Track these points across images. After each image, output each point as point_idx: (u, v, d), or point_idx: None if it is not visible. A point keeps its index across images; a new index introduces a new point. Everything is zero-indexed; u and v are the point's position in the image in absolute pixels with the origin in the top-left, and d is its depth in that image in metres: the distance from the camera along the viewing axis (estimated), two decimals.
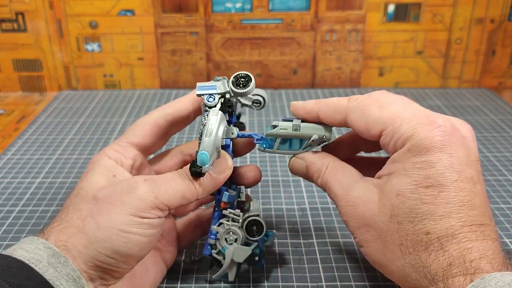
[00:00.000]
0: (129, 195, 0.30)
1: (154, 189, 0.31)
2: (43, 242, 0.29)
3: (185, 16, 0.76)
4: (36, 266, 0.27)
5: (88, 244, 0.29)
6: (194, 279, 0.39)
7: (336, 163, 0.34)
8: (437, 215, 0.27)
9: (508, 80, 0.81)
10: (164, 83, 0.80)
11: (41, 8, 0.75)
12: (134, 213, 0.30)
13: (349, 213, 0.32)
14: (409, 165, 0.29)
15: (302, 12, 0.76)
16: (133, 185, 0.31)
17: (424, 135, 0.29)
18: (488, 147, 0.60)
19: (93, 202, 0.31)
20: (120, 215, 0.30)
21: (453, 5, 0.75)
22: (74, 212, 0.31)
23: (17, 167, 0.55)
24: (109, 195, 0.31)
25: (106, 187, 0.32)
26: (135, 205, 0.30)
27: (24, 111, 0.73)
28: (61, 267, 0.28)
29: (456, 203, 0.27)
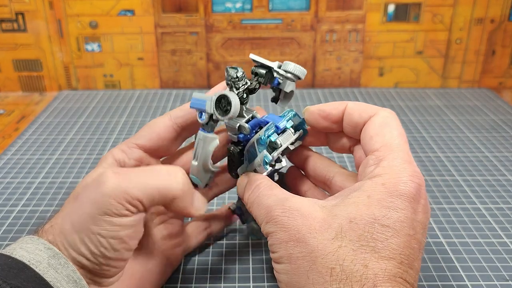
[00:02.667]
0: (96, 192, 0.29)
1: (123, 183, 0.29)
2: (43, 243, 0.29)
3: (185, 16, 0.76)
4: (36, 268, 0.27)
5: (68, 246, 0.29)
6: (194, 279, 0.39)
7: (275, 184, 0.32)
8: (381, 254, 0.26)
9: (508, 80, 0.81)
10: (164, 83, 0.80)
11: (41, 8, 0.75)
12: (102, 212, 0.28)
13: (281, 223, 0.28)
14: (376, 199, 0.27)
15: (302, 12, 0.76)
16: (101, 179, 0.29)
17: (406, 179, 0.28)
18: (488, 147, 0.60)
19: (72, 200, 0.30)
20: (89, 216, 0.28)
21: (453, 5, 0.75)
22: (61, 211, 0.31)
23: (17, 167, 0.55)
24: (83, 191, 0.30)
25: (82, 182, 0.31)
26: (102, 203, 0.28)
27: (24, 111, 0.73)
28: (61, 268, 0.28)
29: (401, 254, 0.26)
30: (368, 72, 0.80)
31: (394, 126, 0.31)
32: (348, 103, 0.34)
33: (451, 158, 0.57)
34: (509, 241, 0.43)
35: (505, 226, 0.45)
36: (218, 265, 0.40)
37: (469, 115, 0.69)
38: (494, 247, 0.42)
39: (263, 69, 0.34)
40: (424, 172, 0.54)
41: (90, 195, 0.29)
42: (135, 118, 0.69)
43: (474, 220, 0.46)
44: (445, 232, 0.44)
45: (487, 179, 0.53)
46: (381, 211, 0.27)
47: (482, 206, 0.48)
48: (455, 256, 0.41)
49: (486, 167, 0.55)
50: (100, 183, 0.29)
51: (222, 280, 0.39)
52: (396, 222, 0.27)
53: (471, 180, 0.52)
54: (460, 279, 0.38)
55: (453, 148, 0.60)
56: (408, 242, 0.26)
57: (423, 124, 0.66)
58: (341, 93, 0.78)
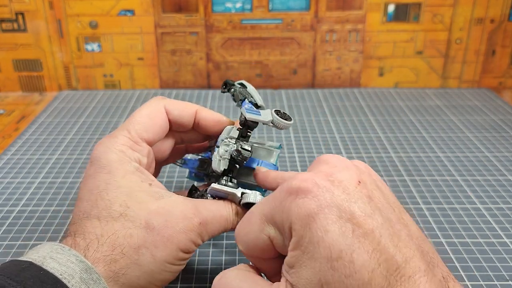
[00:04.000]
0: (184, 235, 0.31)
1: (205, 229, 0.32)
2: (75, 255, 0.28)
3: (185, 16, 0.76)
4: (68, 283, 0.26)
5: (141, 275, 0.29)
6: (194, 279, 0.39)
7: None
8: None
9: (508, 80, 0.81)
10: (164, 83, 0.80)
11: (41, 8, 0.75)
12: (184, 250, 0.31)
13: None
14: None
15: (302, 12, 0.76)
16: (189, 226, 0.31)
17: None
18: (488, 147, 0.60)
19: (146, 230, 0.30)
20: (175, 251, 0.30)
21: (453, 5, 0.75)
22: (124, 237, 0.29)
23: (17, 167, 0.55)
24: (164, 226, 0.30)
25: (159, 213, 0.31)
26: (187, 245, 0.31)
27: (24, 111, 0.73)
28: (93, 284, 0.27)
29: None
30: (368, 72, 0.80)
31: None
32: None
33: (451, 158, 0.57)
34: (509, 241, 0.43)
35: (505, 226, 0.45)
36: (219, 265, 0.40)
37: (469, 115, 0.69)
38: (494, 247, 0.42)
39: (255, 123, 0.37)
40: (425, 172, 0.54)
41: (177, 235, 0.31)
42: None
43: (474, 220, 0.46)
44: (445, 232, 0.44)
45: (487, 179, 0.53)
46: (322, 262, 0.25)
47: (482, 206, 0.48)
48: (455, 256, 0.41)
49: (486, 167, 0.55)
50: (188, 230, 0.31)
51: None
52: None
53: (471, 180, 0.52)
54: (460, 279, 0.38)
55: (453, 148, 0.60)
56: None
57: (423, 124, 0.66)
58: (341, 93, 0.78)
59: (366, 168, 0.29)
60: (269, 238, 0.27)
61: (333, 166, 0.27)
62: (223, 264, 0.40)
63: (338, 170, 0.27)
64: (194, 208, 0.32)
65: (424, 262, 0.24)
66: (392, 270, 0.23)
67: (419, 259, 0.24)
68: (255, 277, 0.28)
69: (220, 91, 0.37)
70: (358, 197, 0.25)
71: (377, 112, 0.71)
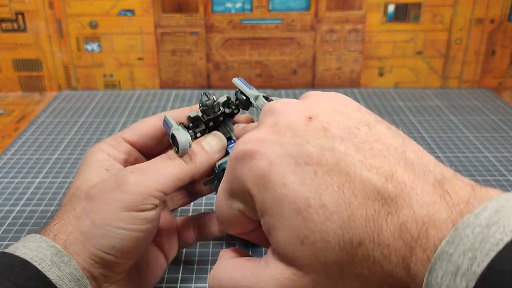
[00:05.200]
0: (118, 191, 0.30)
1: (143, 178, 0.30)
2: (45, 240, 0.29)
3: (185, 16, 0.76)
4: (39, 265, 0.27)
5: (86, 241, 0.29)
6: (194, 279, 0.39)
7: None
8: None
9: (508, 80, 0.81)
10: (164, 83, 0.80)
11: (41, 8, 0.75)
12: (128, 208, 0.29)
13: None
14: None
15: (302, 12, 0.76)
16: (121, 180, 0.30)
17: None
18: (488, 147, 0.60)
19: (86, 200, 0.31)
20: (114, 213, 0.29)
21: (453, 5, 0.75)
22: (70, 211, 0.31)
23: (17, 167, 0.55)
24: (100, 192, 0.30)
25: (96, 184, 0.31)
26: (127, 200, 0.29)
27: (24, 111, 0.73)
28: (64, 266, 0.28)
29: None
30: (368, 72, 0.80)
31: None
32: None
33: (451, 158, 0.57)
34: None
35: None
36: None
37: (469, 115, 0.69)
38: None
39: (243, 96, 0.35)
40: None
41: (112, 195, 0.30)
42: (135, 118, 0.69)
43: None
44: None
45: (487, 179, 0.53)
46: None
47: None
48: None
49: (486, 167, 0.55)
50: (121, 183, 0.30)
51: None
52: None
53: None
54: None
55: (453, 148, 0.60)
56: None
57: (423, 124, 0.66)
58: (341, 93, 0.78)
59: (324, 97, 0.27)
60: (239, 211, 0.26)
61: (279, 113, 0.25)
62: None
63: (284, 115, 0.25)
64: (130, 168, 0.31)
65: (409, 173, 0.22)
66: (372, 196, 0.21)
67: (402, 172, 0.21)
68: (241, 261, 0.26)
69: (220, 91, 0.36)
70: (311, 135, 0.23)
71: (377, 112, 0.71)
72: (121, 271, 0.31)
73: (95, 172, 0.33)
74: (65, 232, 0.30)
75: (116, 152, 0.35)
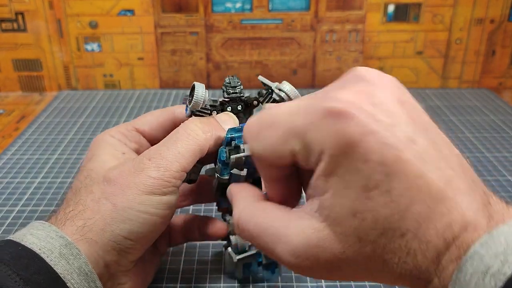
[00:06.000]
0: (139, 175, 0.30)
1: (162, 162, 0.30)
2: (55, 230, 0.28)
3: (185, 16, 0.76)
4: (47, 257, 0.26)
5: (105, 226, 0.29)
6: (194, 279, 0.39)
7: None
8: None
9: (508, 80, 0.81)
10: (164, 83, 0.80)
11: (41, 8, 0.75)
12: (150, 191, 0.29)
13: (279, 250, 0.24)
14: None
15: (302, 12, 0.76)
16: (140, 166, 0.30)
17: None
18: (488, 147, 0.60)
19: (105, 183, 0.30)
20: (136, 196, 0.29)
21: (453, 5, 0.75)
22: (86, 194, 0.30)
23: (17, 167, 0.55)
24: (120, 175, 0.30)
25: (116, 167, 0.31)
26: (149, 183, 0.30)
27: (24, 111, 0.73)
28: (73, 259, 0.27)
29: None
30: None
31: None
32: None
33: None
34: None
35: None
36: (218, 265, 0.40)
37: (469, 115, 0.69)
38: None
39: (266, 91, 0.35)
40: None
41: (133, 179, 0.30)
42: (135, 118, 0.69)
43: None
44: None
45: (486, 179, 0.53)
46: (358, 182, 0.25)
47: None
48: None
49: (486, 167, 0.55)
50: (141, 169, 0.30)
51: (221, 280, 0.39)
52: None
53: None
54: None
55: None
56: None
57: None
58: None
59: (399, 83, 0.27)
60: (291, 152, 0.24)
61: (372, 84, 0.25)
62: (223, 264, 0.40)
63: (379, 89, 0.25)
64: (148, 156, 0.31)
65: (464, 180, 0.23)
66: (432, 195, 0.22)
67: (459, 178, 0.23)
68: (269, 207, 0.26)
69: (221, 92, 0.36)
70: (402, 121, 0.23)
71: None
72: (134, 259, 0.31)
73: (111, 154, 0.33)
74: (82, 218, 0.29)
75: (128, 141, 0.35)
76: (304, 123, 0.24)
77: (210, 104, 0.34)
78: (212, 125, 0.33)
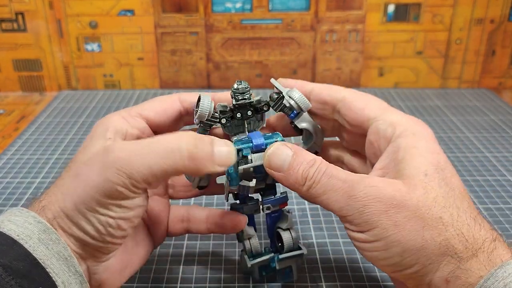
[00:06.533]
0: (100, 175, 0.27)
1: (127, 168, 0.27)
2: (33, 216, 0.27)
3: (185, 16, 0.76)
4: (26, 243, 0.26)
5: (71, 224, 0.28)
6: (194, 279, 0.39)
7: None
8: (456, 193, 0.29)
9: (508, 80, 0.81)
10: (164, 83, 0.80)
11: (41, 8, 0.75)
12: (108, 196, 0.27)
13: (372, 195, 0.28)
14: (423, 148, 0.30)
15: (302, 12, 0.76)
16: (105, 160, 0.28)
17: (420, 126, 0.32)
18: (488, 147, 0.60)
19: (73, 177, 0.29)
20: (95, 199, 0.27)
21: (453, 5, 0.75)
22: (58, 186, 0.29)
23: (17, 167, 0.55)
24: (84, 171, 0.28)
25: (88, 160, 0.29)
26: (108, 188, 0.27)
27: (24, 111, 0.73)
28: (52, 244, 0.27)
29: (462, 189, 0.30)
30: (368, 72, 0.80)
31: (372, 97, 0.35)
32: (312, 86, 0.36)
33: (451, 158, 0.57)
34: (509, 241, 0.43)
35: (504, 226, 0.45)
36: (218, 265, 0.40)
37: (469, 115, 0.69)
38: None
39: (277, 95, 0.35)
40: None
41: (93, 178, 0.28)
42: None
43: None
44: None
45: (486, 179, 0.53)
46: (433, 157, 0.30)
47: (482, 206, 0.48)
48: None
49: (486, 167, 0.55)
50: (103, 167, 0.28)
51: (222, 281, 0.39)
52: (446, 163, 0.30)
53: (470, 180, 0.52)
54: None
55: (453, 148, 0.60)
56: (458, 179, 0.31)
57: None
58: None
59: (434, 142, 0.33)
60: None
61: (428, 141, 0.31)
62: (223, 264, 0.40)
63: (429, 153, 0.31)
64: (119, 148, 0.29)
65: (477, 229, 0.28)
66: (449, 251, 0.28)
67: (474, 227, 0.28)
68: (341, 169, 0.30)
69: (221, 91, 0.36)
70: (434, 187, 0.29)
71: None
72: (108, 252, 0.30)
73: (98, 144, 0.31)
74: (51, 210, 0.28)
75: (129, 127, 0.33)
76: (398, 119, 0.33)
77: (220, 110, 0.34)
78: (203, 154, 0.28)
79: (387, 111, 0.33)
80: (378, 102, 0.34)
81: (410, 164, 0.30)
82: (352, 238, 0.30)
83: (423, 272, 0.28)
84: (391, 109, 0.34)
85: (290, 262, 0.36)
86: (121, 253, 0.32)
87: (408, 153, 0.30)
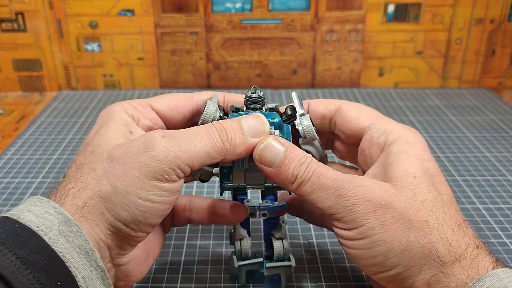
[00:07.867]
0: (146, 155, 0.27)
1: (174, 146, 0.27)
2: (54, 206, 0.26)
3: (185, 16, 0.76)
4: (46, 235, 0.25)
5: (105, 210, 0.27)
6: (194, 279, 0.39)
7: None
8: (445, 199, 0.30)
9: (508, 80, 0.81)
10: (164, 83, 0.80)
11: (41, 8, 0.75)
12: (153, 177, 0.27)
13: (361, 194, 0.28)
14: (412, 155, 0.31)
15: (302, 12, 0.76)
16: (150, 143, 0.27)
17: (412, 134, 0.33)
18: (488, 147, 0.60)
19: (108, 161, 0.28)
20: (138, 180, 0.27)
21: (453, 5, 0.75)
22: (88, 172, 0.28)
23: (17, 167, 0.55)
24: (124, 154, 0.28)
25: (122, 144, 0.29)
26: (153, 168, 0.27)
27: (24, 111, 0.73)
28: (73, 237, 0.26)
29: (450, 195, 0.31)
30: (368, 72, 0.80)
31: (366, 107, 0.36)
32: (308, 101, 0.36)
33: (450, 158, 0.57)
34: (509, 241, 0.43)
35: (504, 226, 0.45)
36: (218, 265, 0.40)
37: (469, 115, 0.69)
38: (494, 247, 0.42)
39: (292, 111, 0.34)
40: None
41: (138, 158, 0.27)
42: None
43: (474, 220, 0.46)
44: None
45: (486, 179, 0.53)
46: (423, 164, 0.31)
47: (482, 206, 0.48)
48: None
49: (486, 167, 0.55)
50: (150, 147, 0.27)
51: (221, 281, 0.39)
52: (436, 170, 0.31)
53: (470, 180, 0.52)
54: None
55: (453, 148, 0.60)
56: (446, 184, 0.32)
57: (423, 124, 0.66)
58: (340, 93, 0.78)
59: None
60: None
61: (423, 157, 0.32)
62: (223, 264, 0.40)
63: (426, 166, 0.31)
64: (162, 132, 0.29)
65: (461, 238, 0.29)
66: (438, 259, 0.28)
67: (457, 239, 0.29)
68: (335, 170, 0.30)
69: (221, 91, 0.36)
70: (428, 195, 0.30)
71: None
72: (135, 244, 0.29)
73: (120, 131, 0.31)
74: (82, 197, 0.27)
75: (141, 117, 0.33)
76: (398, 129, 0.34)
77: (233, 110, 0.34)
78: (242, 135, 0.29)
79: (380, 120, 0.34)
80: (371, 112, 0.35)
81: (399, 167, 0.30)
82: (339, 235, 0.30)
83: (405, 275, 0.28)
84: (384, 118, 0.34)
85: (278, 270, 0.36)
86: (144, 241, 0.31)
87: (398, 158, 0.31)
